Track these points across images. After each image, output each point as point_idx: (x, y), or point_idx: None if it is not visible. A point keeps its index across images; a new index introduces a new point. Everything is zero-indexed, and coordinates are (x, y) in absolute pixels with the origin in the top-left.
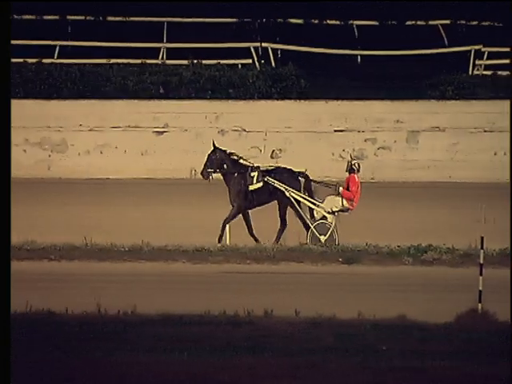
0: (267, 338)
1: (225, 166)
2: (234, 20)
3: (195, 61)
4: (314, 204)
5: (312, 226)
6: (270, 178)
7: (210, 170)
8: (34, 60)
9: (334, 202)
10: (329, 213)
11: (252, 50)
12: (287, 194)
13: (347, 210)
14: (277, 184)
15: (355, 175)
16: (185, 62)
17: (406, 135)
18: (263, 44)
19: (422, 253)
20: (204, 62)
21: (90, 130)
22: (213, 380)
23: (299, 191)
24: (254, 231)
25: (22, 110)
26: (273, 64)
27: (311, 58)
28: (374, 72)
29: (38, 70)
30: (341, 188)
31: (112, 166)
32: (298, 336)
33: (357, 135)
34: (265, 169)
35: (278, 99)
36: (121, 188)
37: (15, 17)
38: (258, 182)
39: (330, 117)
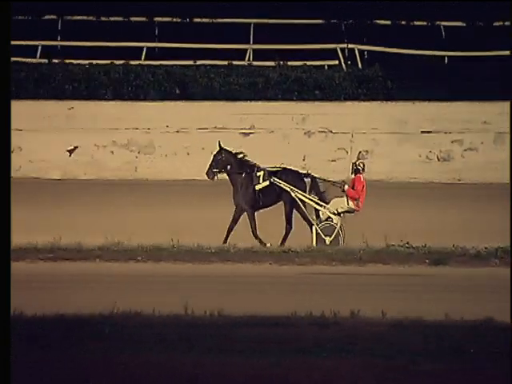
0: (353, 338)
1: (230, 166)
2: (321, 21)
3: (282, 62)
4: (320, 205)
5: (317, 227)
6: (276, 179)
7: (215, 170)
8: (121, 61)
9: (340, 203)
10: (334, 214)
11: (339, 51)
12: (293, 194)
13: (353, 211)
14: (282, 184)
15: (361, 175)
16: (271, 63)
17: (493, 136)
18: (350, 45)
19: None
20: (290, 63)
21: (176, 132)
22: (299, 381)
23: (305, 192)
24: (232, 231)
25: (110, 111)
26: (359, 65)
27: (398, 58)
28: (461, 73)
29: (126, 71)
30: (346, 186)
31: (199, 167)
32: (384, 337)
33: (444, 136)
34: (271, 170)
35: (364, 100)
36: (208, 189)
37: (103, 19)
38: (264, 181)
39: (417, 118)
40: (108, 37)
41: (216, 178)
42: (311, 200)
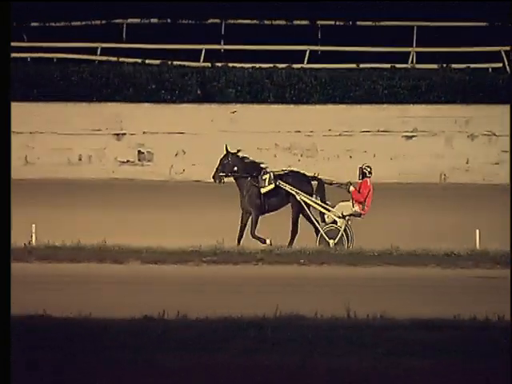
0: None
1: (237, 170)
2: (484, 24)
3: (445, 65)
4: (325, 208)
5: (322, 230)
6: (282, 182)
7: (221, 173)
8: (284, 65)
9: (345, 207)
10: (339, 217)
11: (503, 53)
12: (298, 197)
13: (359, 214)
14: (288, 187)
15: (367, 180)
16: (434, 65)
17: None
18: None
19: None
20: (454, 65)
21: (339, 135)
22: (459, 382)
23: (311, 195)
24: (243, 235)
25: (273, 114)
26: None
27: None
28: None
29: (288, 74)
30: (351, 187)
31: None
32: None
33: None
34: (277, 173)
35: None
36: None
37: (266, 22)
38: (269, 184)
39: None
40: (271, 40)
41: (223, 181)
42: (316, 203)
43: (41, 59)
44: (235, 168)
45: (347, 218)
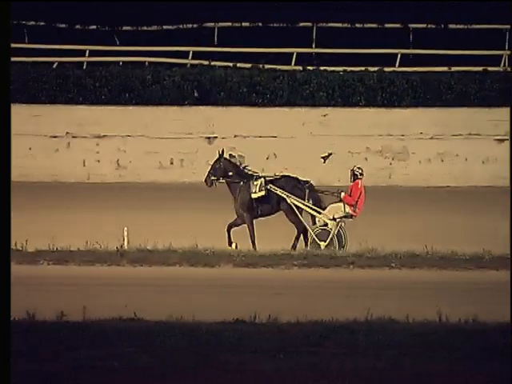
0: None
1: (229, 174)
2: None
3: None
4: (317, 211)
5: (312, 233)
6: (273, 187)
7: (213, 177)
8: (375, 68)
9: (337, 209)
10: (331, 220)
11: None
12: (288, 200)
13: (351, 216)
14: (279, 192)
15: (359, 181)
16: None
17: None
18: None
19: None
20: None
21: (430, 138)
22: None
23: (303, 199)
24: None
25: (364, 118)
26: None
27: None
28: None
29: (380, 78)
30: (343, 193)
31: (452, 173)
32: None
33: None
34: (269, 178)
35: None
36: (463, 196)
37: (357, 25)
38: (260, 190)
39: None
40: (362, 43)
41: (214, 185)
42: (308, 206)
43: (132, 63)
44: (227, 173)
45: (338, 220)
